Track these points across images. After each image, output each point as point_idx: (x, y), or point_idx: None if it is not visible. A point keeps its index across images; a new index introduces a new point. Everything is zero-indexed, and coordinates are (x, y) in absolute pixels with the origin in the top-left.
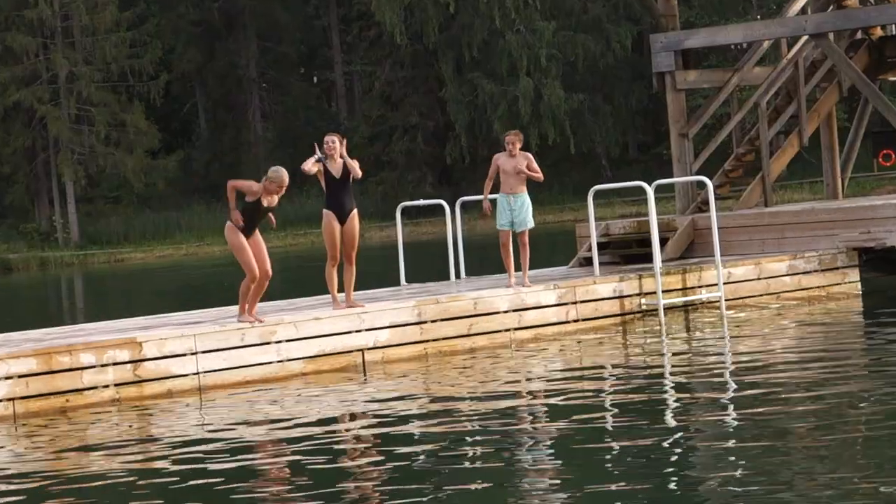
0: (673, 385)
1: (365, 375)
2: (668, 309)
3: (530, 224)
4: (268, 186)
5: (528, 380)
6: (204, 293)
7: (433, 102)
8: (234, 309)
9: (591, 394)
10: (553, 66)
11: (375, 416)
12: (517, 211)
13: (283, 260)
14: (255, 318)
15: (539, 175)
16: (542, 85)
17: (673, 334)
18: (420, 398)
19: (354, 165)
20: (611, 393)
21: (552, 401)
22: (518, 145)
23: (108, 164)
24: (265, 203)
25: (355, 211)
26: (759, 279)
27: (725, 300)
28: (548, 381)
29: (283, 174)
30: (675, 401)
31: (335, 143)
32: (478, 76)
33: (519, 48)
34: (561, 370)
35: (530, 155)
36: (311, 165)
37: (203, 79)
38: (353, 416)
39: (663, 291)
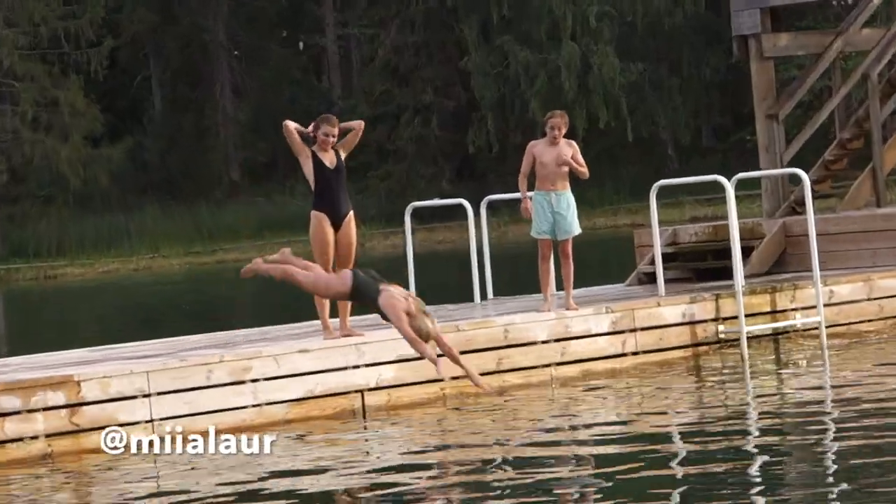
0: (759, 440)
1: (365, 423)
2: (753, 338)
3: (576, 230)
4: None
5: (573, 428)
6: (159, 318)
7: (452, 75)
8: (197, 339)
9: (654, 450)
10: (605, 28)
11: (376, 474)
12: (561, 214)
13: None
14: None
15: (585, 170)
16: (590, 52)
17: (759, 371)
18: (435, 452)
19: (355, 125)
20: (680, 451)
21: (604, 458)
22: (563, 130)
23: (37, 153)
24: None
25: (352, 213)
26: (869, 300)
27: (827, 327)
28: (598, 432)
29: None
30: (763, 465)
31: (334, 139)
32: (509, 41)
33: (562, 4)
34: (615, 418)
35: (575, 143)
36: (294, 127)
37: (158, 45)
38: (348, 475)
39: (746, 316)
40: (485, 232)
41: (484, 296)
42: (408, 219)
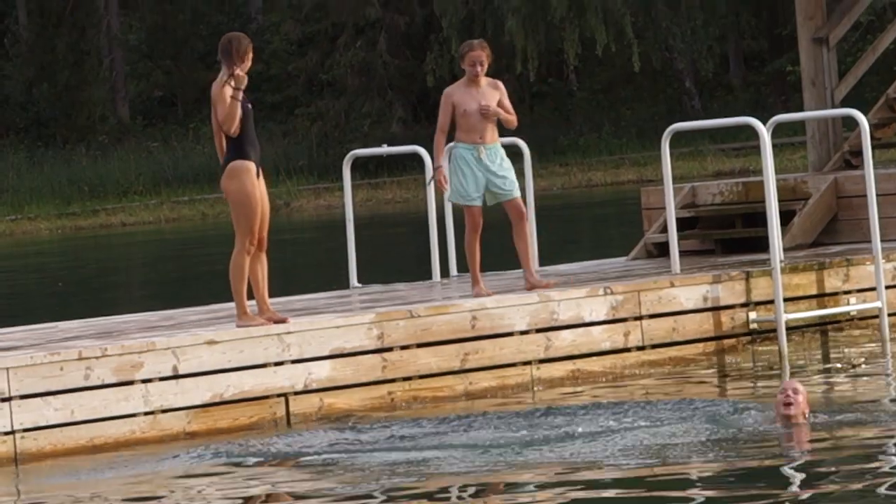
0: (803, 461)
1: (289, 436)
2: (794, 329)
3: (518, 191)
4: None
5: (561, 447)
6: (24, 299)
7: None
8: (73, 326)
9: (667, 478)
10: None
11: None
12: (494, 171)
13: (158, 245)
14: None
15: (514, 118)
16: None
17: (801, 371)
18: (380, 479)
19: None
20: (701, 479)
21: (603, 490)
22: (486, 65)
23: None
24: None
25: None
26: None
27: (890, 314)
28: (594, 452)
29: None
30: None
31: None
32: None
33: None
34: (617, 434)
35: (501, 84)
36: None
37: None
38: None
39: (786, 300)
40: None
41: (445, 272)
42: (346, 171)
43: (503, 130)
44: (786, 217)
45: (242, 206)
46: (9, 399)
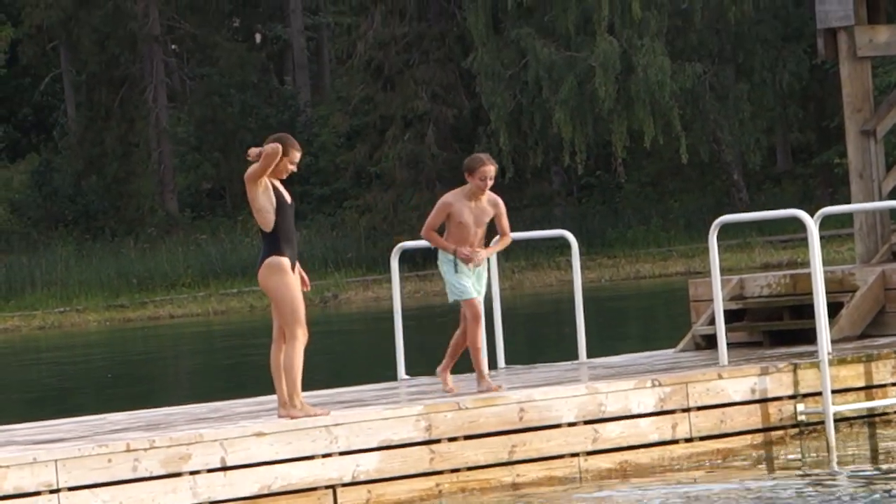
0: None
1: None
2: (842, 421)
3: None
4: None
5: None
6: (72, 390)
7: (453, 78)
8: (121, 418)
9: None
10: (653, 19)
11: None
12: (480, 272)
13: (203, 338)
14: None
15: (508, 239)
16: (634, 49)
17: (850, 464)
18: None
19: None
20: None
21: None
22: (492, 181)
23: None
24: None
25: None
26: None
27: None
28: None
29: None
30: None
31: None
32: (528, 34)
33: None
34: None
35: (500, 201)
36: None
37: (72, 37)
38: None
39: (834, 392)
40: (495, 282)
41: (493, 364)
42: (395, 263)
43: (552, 224)
44: (833, 309)
45: (283, 301)
46: (57, 491)
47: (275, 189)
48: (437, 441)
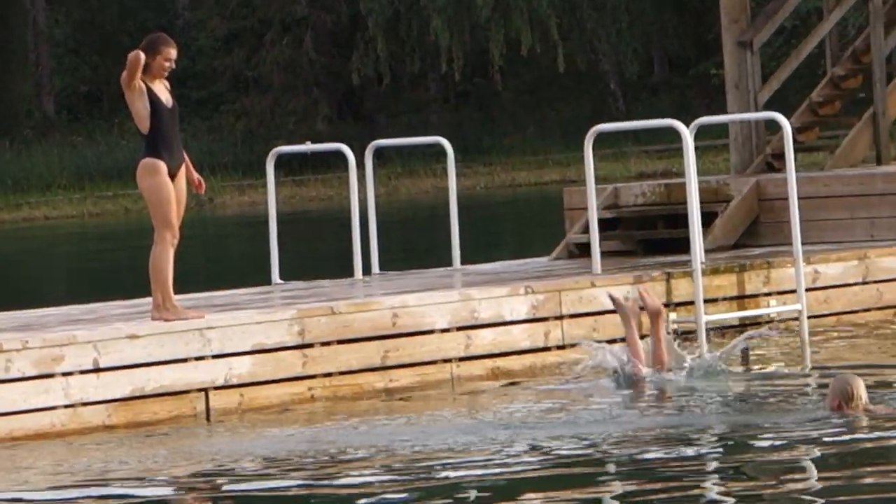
0: (718, 468)
1: (209, 431)
2: (714, 330)
3: None
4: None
5: (480, 447)
6: None
7: None
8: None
9: (584, 479)
10: None
11: (219, 495)
12: None
13: (78, 239)
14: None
15: None
16: None
17: (720, 372)
18: (300, 473)
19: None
20: (619, 475)
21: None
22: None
23: None
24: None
25: (186, 162)
26: (864, 283)
27: (809, 317)
28: (511, 453)
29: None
30: None
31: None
32: None
33: None
34: (533, 434)
35: None
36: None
37: None
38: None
39: (706, 302)
40: (370, 187)
41: (367, 270)
42: (270, 168)
43: (428, 131)
44: (708, 219)
45: (155, 203)
46: None
47: (151, 92)
48: (310, 345)
